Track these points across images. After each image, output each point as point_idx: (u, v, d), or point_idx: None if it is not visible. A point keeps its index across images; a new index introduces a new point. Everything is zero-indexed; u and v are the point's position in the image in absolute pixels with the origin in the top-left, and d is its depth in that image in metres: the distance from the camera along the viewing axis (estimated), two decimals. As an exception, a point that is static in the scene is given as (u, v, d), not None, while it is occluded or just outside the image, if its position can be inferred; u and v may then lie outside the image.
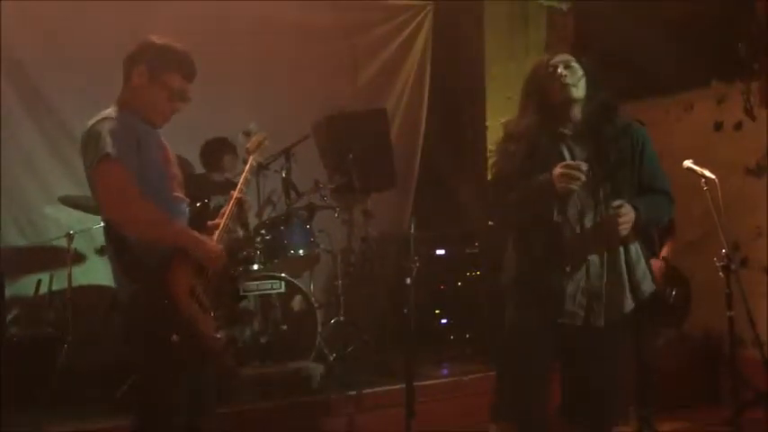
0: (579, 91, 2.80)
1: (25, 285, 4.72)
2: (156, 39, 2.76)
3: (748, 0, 5.03)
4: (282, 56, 5.67)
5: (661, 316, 4.19)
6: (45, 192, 5.00)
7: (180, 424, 2.63)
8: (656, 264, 4.16)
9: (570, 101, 2.79)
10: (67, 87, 4.97)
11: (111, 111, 2.66)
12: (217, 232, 2.76)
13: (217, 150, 5.00)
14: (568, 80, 2.78)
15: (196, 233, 2.67)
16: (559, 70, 2.80)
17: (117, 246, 2.60)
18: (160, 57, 2.72)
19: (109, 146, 2.51)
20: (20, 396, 3.97)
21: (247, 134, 3.05)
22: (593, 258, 2.76)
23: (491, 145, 6.30)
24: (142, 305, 2.53)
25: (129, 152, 2.55)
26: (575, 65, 2.84)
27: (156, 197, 2.60)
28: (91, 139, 2.57)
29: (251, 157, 2.97)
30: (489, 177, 3.09)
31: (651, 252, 4.16)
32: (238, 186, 2.87)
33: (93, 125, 2.60)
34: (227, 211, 2.81)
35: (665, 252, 4.31)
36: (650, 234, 4.23)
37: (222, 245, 2.73)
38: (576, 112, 2.83)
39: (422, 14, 6.33)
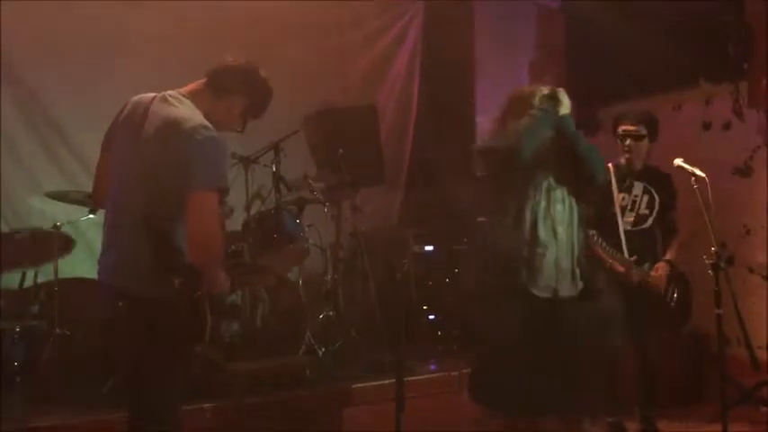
0: (566, 102, 3.31)
1: (10, 278, 4.66)
2: (266, 78, 2.73)
3: (737, 1, 5.06)
4: (273, 51, 5.60)
5: (665, 318, 4.17)
6: (30, 182, 4.95)
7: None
8: (661, 266, 4.13)
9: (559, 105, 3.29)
10: (53, 77, 4.94)
11: (203, 118, 2.56)
12: None
13: None
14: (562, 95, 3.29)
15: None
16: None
17: (159, 244, 2.51)
18: (261, 99, 2.73)
19: (223, 178, 2.50)
20: (5, 389, 3.93)
21: None
22: (561, 237, 3.21)
23: (481, 141, 6.33)
24: (176, 304, 2.50)
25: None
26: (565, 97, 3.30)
27: None
28: (209, 158, 2.48)
29: None
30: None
31: (653, 253, 4.18)
32: None
33: (213, 141, 2.49)
34: None
35: (670, 255, 4.19)
36: (653, 234, 4.23)
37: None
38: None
39: (412, 11, 6.34)
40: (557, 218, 3.23)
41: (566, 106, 3.28)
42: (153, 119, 2.56)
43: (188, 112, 2.56)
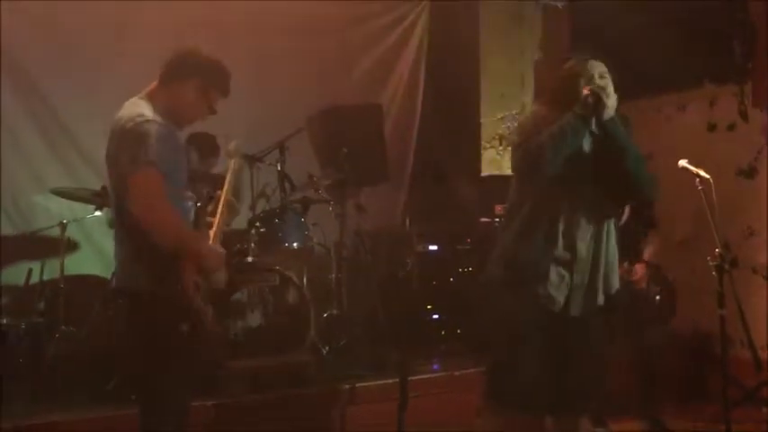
0: (611, 102, 2.94)
1: (15, 274, 4.68)
2: (209, 54, 2.80)
3: (742, 1, 5.06)
4: (277, 50, 5.65)
5: (649, 314, 4.21)
6: (35, 180, 4.96)
7: (187, 411, 2.71)
8: (639, 268, 4.16)
9: (603, 109, 2.91)
10: (57, 73, 4.95)
11: (149, 110, 2.65)
12: (212, 232, 2.79)
13: (201, 144, 4.96)
14: (608, 92, 2.93)
15: (207, 242, 2.72)
16: (599, 81, 2.95)
17: (136, 238, 2.60)
18: (213, 76, 2.78)
19: (154, 154, 2.53)
20: (8, 386, 3.94)
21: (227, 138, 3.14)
22: (581, 254, 2.95)
23: (485, 141, 6.34)
24: (158, 295, 2.58)
25: (166, 159, 2.59)
26: (608, 76, 3.00)
27: (176, 198, 2.65)
28: (136, 140, 2.56)
29: (233, 161, 3.02)
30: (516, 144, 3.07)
31: (634, 249, 4.20)
32: (225, 190, 2.90)
33: (139, 124, 2.58)
34: (219, 213, 2.85)
35: (647, 255, 4.25)
36: (630, 230, 4.23)
37: (219, 244, 2.79)
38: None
39: (418, 10, 6.34)
40: (578, 233, 2.92)
41: (611, 107, 2.90)
42: (112, 127, 2.69)
43: (128, 109, 2.65)
